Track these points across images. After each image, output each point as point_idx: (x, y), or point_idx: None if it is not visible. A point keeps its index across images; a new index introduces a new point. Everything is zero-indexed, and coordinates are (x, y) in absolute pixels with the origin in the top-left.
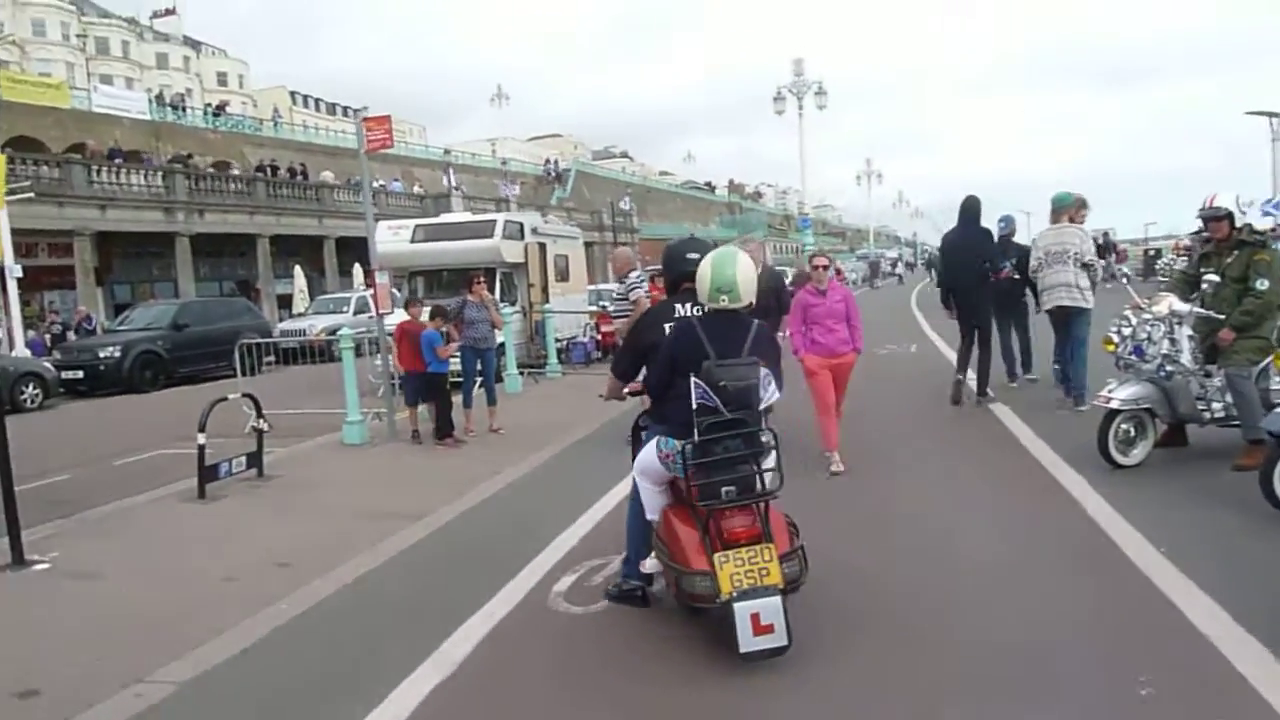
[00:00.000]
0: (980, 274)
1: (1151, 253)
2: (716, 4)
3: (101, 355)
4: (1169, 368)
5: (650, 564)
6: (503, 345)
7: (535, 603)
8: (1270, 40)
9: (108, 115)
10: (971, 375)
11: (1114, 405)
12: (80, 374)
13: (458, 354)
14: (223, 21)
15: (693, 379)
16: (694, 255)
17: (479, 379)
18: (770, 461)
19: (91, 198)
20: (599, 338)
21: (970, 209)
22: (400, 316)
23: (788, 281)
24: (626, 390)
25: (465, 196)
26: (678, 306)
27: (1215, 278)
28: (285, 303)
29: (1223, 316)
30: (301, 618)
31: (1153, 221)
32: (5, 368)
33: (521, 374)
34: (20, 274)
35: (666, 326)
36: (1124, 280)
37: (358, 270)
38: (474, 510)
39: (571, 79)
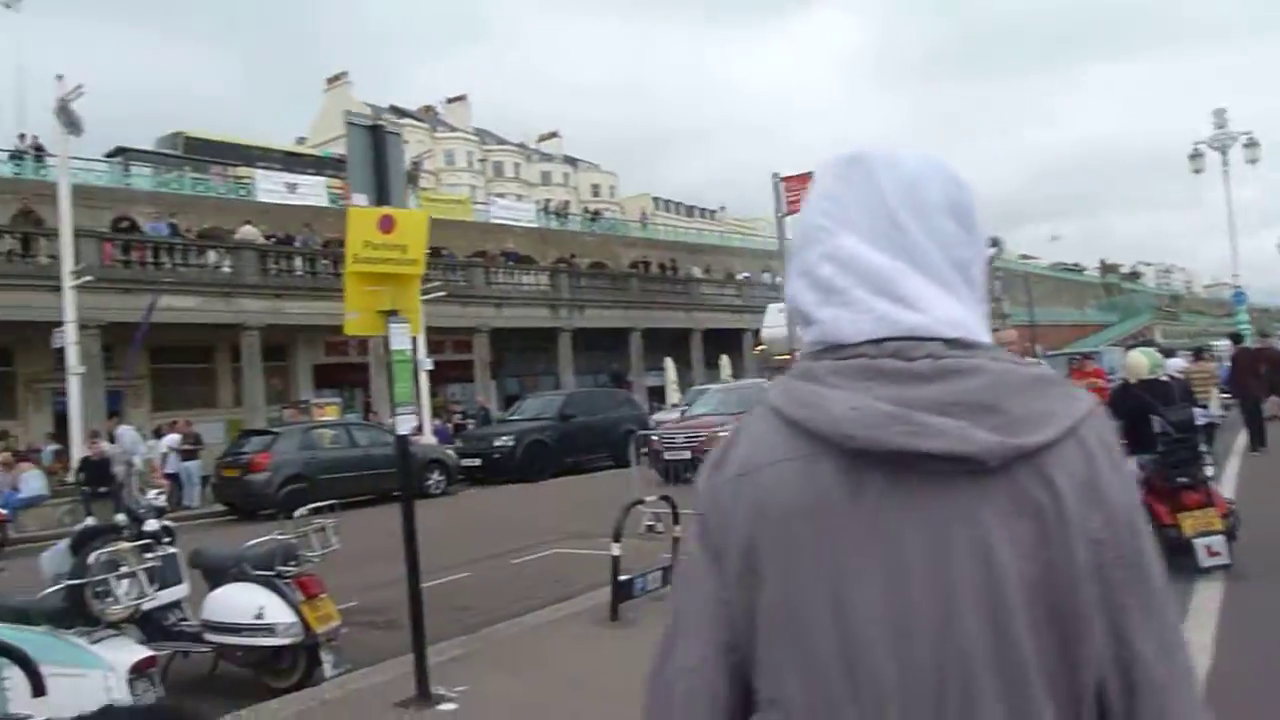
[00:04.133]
0: None
1: None
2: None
3: (497, 444)
4: None
5: None
6: None
7: None
8: None
9: (502, 225)
10: None
11: None
12: (479, 461)
13: None
14: (596, 140)
15: (1153, 418)
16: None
17: None
18: (1207, 461)
19: (488, 297)
20: None
21: None
22: None
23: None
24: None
25: None
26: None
27: None
28: (654, 394)
29: None
30: None
31: None
32: (416, 454)
33: None
34: (431, 367)
35: None
36: None
37: (725, 361)
38: None
39: None
